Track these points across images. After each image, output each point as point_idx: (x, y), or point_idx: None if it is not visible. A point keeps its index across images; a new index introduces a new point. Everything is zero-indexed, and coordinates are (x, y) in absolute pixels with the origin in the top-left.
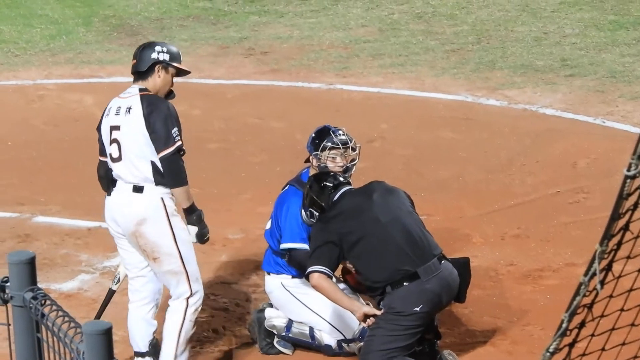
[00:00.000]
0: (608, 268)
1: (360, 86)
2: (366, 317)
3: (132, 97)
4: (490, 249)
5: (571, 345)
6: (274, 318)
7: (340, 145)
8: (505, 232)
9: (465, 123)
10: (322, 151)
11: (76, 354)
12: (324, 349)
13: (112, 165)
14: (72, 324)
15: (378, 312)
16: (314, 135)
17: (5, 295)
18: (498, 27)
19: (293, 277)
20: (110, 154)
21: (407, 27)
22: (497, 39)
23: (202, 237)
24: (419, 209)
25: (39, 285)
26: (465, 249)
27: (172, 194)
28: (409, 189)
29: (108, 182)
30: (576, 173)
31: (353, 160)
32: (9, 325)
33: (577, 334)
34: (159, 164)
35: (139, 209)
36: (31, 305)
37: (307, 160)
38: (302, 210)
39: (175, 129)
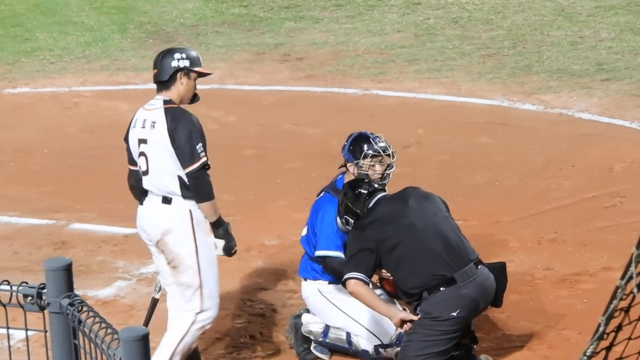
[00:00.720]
0: None
1: (396, 91)
2: (403, 322)
3: (156, 111)
4: (526, 253)
5: (608, 348)
6: (311, 324)
7: (382, 153)
8: (541, 236)
9: (501, 128)
10: (363, 159)
11: None
12: (361, 355)
13: (142, 176)
14: (109, 330)
15: (415, 318)
16: (351, 142)
17: (42, 302)
18: (534, 31)
19: (330, 283)
20: (140, 167)
21: (443, 32)
22: (532, 44)
23: (229, 251)
24: (455, 214)
25: (76, 292)
26: (502, 254)
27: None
28: (445, 194)
29: (139, 191)
30: (612, 177)
31: (390, 166)
32: (46, 332)
33: (614, 338)
34: (185, 178)
35: (166, 219)
36: (68, 311)
37: (342, 166)
38: (338, 218)
39: (200, 144)
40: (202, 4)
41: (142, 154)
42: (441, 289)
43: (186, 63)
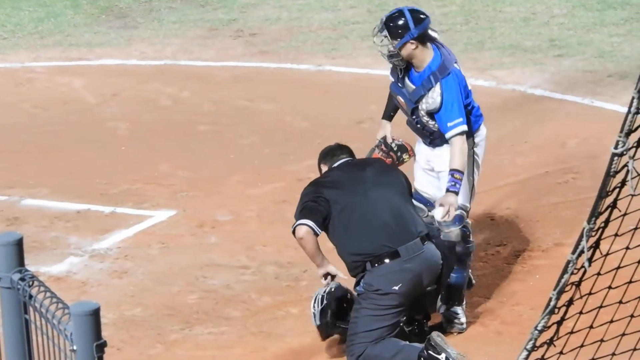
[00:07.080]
0: (596, 246)
1: (350, 67)
2: (327, 276)
3: None
4: (479, 229)
5: (559, 323)
6: None
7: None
8: (494, 212)
9: None
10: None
11: (64, 335)
12: None
13: None
14: (60, 305)
15: (341, 275)
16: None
17: None
18: (486, 7)
19: None
20: None
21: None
22: (485, 20)
23: None
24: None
25: (28, 268)
26: None
27: None
28: None
29: None
30: (565, 153)
31: (392, 54)
32: None
33: (565, 312)
34: None
35: None
36: (19, 286)
37: None
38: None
39: None
40: None
41: None
42: (385, 261)
43: None
